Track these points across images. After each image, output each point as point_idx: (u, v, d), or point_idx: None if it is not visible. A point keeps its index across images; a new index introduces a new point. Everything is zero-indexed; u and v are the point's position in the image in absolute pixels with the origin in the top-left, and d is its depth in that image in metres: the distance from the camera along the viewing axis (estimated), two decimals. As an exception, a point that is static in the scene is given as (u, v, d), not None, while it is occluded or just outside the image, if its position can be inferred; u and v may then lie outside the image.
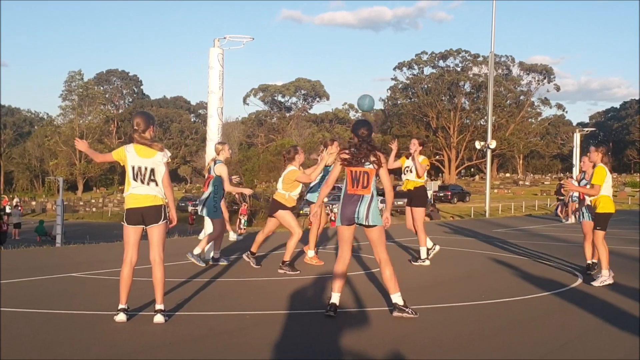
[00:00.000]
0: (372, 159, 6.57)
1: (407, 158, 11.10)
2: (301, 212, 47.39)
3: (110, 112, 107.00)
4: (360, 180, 6.56)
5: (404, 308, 6.55)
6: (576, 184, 10.09)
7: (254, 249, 10.08)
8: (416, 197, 11.08)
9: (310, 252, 10.76)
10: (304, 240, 10.90)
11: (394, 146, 10.81)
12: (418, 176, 10.90)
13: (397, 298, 6.61)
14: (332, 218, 38.96)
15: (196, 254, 9.89)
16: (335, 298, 6.61)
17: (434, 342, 5.63)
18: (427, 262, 10.78)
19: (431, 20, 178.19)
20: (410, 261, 11.14)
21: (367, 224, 6.60)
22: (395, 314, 6.55)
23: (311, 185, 10.70)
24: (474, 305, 7.40)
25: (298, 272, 9.57)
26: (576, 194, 24.85)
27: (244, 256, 10.18)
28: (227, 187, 10.17)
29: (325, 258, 11.08)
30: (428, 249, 10.96)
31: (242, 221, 38.19)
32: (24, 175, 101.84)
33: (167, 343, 5.50)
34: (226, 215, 14.23)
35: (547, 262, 11.23)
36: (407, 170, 11.05)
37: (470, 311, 7.09)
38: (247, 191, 12.18)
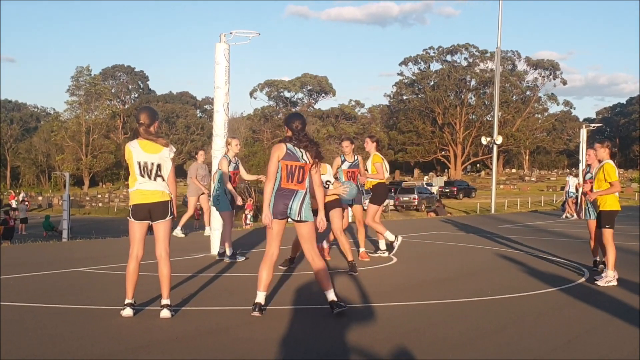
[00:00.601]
0: (311, 153, 6.49)
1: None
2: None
3: (116, 107, 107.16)
4: (295, 175, 6.45)
5: (340, 303, 6.44)
6: (581, 179, 10.03)
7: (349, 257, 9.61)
8: (374, 194, 11.14)
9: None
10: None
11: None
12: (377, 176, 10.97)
13: (331, 295, 6.47)
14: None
15: (229, 254, 10.12)
16: (260, 297, 6.44)
17: (441, 338, 5.62)
18: (386, 254, 11.06)
19: (438, 16, 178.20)
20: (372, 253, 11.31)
21: (299, 219, 6.48)
22: (336, 310, 6.40)
23: None
24: (480, 300, 7.39)
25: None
26: (572, 189, 24.91)
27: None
28: (245, 177, 10.69)
29: (329, 253, 11.10)
30: (391, 242, 10.91)
31: (249, 217, 38.23)
32: (31, 170, 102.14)
33: (174, 338, 5.51)
34: (205, 208, 14.15)
35: (553, 258, 11.21)
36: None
37: (476, 307, 7.08)
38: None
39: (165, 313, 6.23)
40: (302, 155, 6.48)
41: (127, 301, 6.29)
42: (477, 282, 8.73)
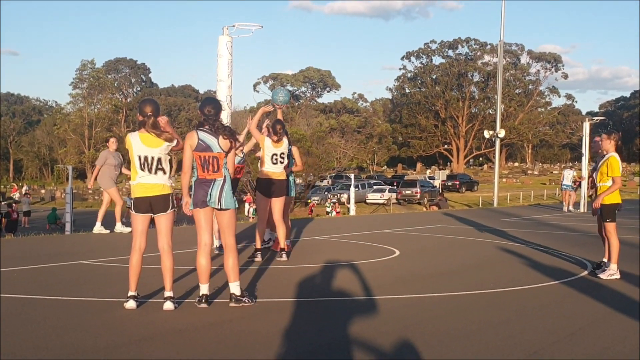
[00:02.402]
0: (224, 139, 6.36)
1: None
2: (309, 201, 47.47)
3: (118, 100, 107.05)
4: (210, 165, 6.36)
5: (241, 298, 6.42)
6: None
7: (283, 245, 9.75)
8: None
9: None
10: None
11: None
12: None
13: (235, 287, 6.43)
14: (338, 209, 39.04)
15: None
16: (205, 289, 6.41)
17: (443, 331, 5.63)
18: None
19: (441, 9, 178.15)
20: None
21: (219, 207, 6.40)
22: (232, 304, 6.39)
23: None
24: (483, 293, 7.40)
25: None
26: (568, 182, 24.88)
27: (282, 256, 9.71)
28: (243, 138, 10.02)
29: (326, 246, 11.11)
30: (266, 240, 10.56)
31: (251, 210, 38.24)
32: (33, 163, 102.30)
33: (177, 330, 5.52)
34: (116, 199, 13.31)
35: (555, 251, 11.20)
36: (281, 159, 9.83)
37: (479, 300, 7.09)
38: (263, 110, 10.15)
39: (168, 305, 6.24)
40: (216, 144, 6.35)
41: (130, 293, 6.31)
42: (479, 275, 8.74)
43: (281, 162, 9.66)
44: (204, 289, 6.42)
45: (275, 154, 9.63)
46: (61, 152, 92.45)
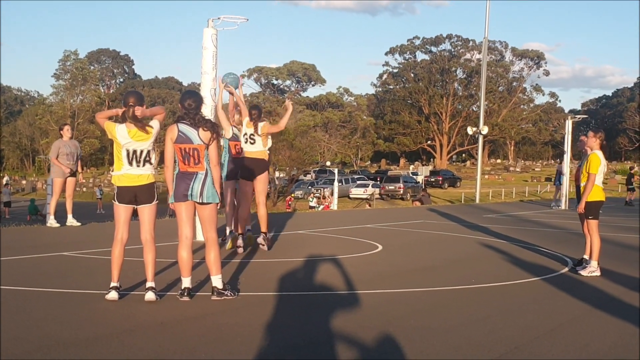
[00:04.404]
0: (204, 131, 6.31)
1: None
2: (292, 195, 47.42)
3: (101, 92, 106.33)
4: (190, 157, 6.33)
5: (223, 291, 6.43)
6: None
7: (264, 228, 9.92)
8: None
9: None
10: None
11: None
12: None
13: (217, 281, 6.44)
14: (327, 202, 39.06)
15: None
16: (187, 282, 6.41)
17: (425, 325, 5.65)
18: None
19: (428, 6, 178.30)
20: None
21: (200, 201, 6.38)
22: (214, 297, 6.40)
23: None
24: (464, 289, 7.43)
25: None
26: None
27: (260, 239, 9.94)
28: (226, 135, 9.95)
29: (309, 240, 11.12)
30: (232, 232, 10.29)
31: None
32: (15, 154, 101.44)
33: (159, 322, 5.51)
34: (55, 192, 12.82)
35: (536, 247, 11.28)
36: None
37: (460, 295, 7.12)
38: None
39: (150, 295, 6.22)
40: (196, 135, 6.31)
41: (112, 284, 6.28)
42: (461, 271, 8.78)
43: (251, 143, 9.73)
44: (186, 282, 6.41)
45: (246, 134, 9.79)
46: (43, 143, 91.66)
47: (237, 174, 10.00)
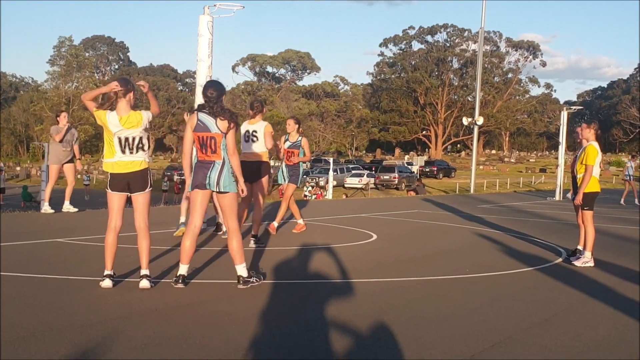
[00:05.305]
0: (221, 120, 6.34)
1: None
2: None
3: (95, 78, 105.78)
4: (208, 146, 6.36)
5: (248, 279, 6.44)
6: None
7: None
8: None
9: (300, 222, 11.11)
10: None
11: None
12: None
13: (241, 270, 6.45)
14: (319, 191, 39.02)
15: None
16: (183, 269, 6.42)
17: (419, 314, 5.66)
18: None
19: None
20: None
21: (217, 190, 6.40)
22: (240, 286, 6.40)
23: None
24: (458, 279, 7.45)
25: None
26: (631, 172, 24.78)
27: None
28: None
29: (309, 229, 11.12)
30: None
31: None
32: (9, 140, 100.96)
33: (153, 309, 5.50)
34: (51, 178, 12.97)
35: (530, 238, 11.30)
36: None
37: (454, 285, 7.13)
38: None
39: (144, 283, 6.22)
40: (214, 124, 6.33)
41: (106, 272, 6.27)
42: (455, 261, 8.79)
43: (253, 141, 9.62)
44: (183, 270, 6.41)
45: (248, 131, 9.67)
46: (37, 130, 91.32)
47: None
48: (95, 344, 4.52)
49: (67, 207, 13.18)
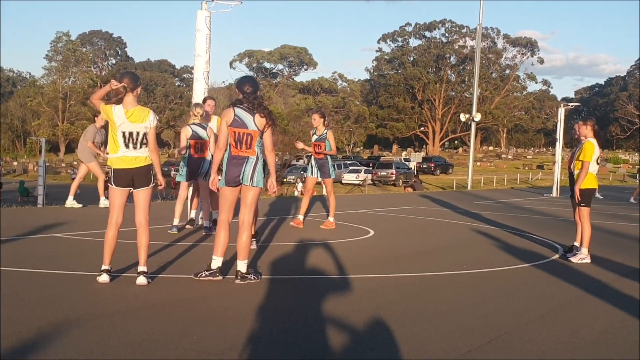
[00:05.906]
0: (260, 118, 6.42)
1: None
2: (285, 179, 47.43)
3: (92, 74, 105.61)
4: (243, 142, 6.42)
5: (247, 275, 6.48)
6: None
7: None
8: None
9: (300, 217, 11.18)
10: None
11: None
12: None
13: (242, 265, 6.51)
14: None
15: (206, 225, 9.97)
16: (218, 262, 6.54)
17: (416, 310, 5.67)
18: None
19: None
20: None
21: (249, 184, 6.48)
22: (237, 281, 6.45)
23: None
24: (455, 274, 7.46)
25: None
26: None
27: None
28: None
29: (306, 225, 11.13)
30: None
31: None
32: (6, 135, 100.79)
33: (150, 305, 5.51)
34: (98, 173, 13.21)
35: (527, 234, 11.32)
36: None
37: (451, 280, 7.15)
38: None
39: (141, 280, 6.22)
40: (252, 121, 6.41)
41: (103, 267, 6.27)
42: (452, 256, 8.81)
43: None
44: (218, 262, 6.54)
45: None
46: (34, 125, 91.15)
47: (197, 175, 9.82)
48: (92, 339, 4.52)
49: (71, 202, 13.28)
